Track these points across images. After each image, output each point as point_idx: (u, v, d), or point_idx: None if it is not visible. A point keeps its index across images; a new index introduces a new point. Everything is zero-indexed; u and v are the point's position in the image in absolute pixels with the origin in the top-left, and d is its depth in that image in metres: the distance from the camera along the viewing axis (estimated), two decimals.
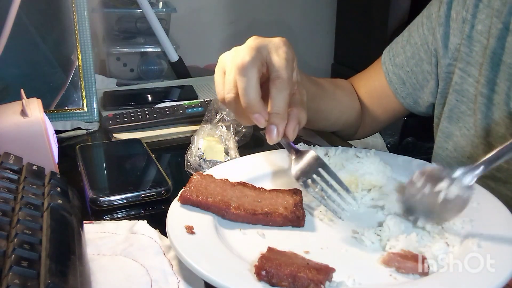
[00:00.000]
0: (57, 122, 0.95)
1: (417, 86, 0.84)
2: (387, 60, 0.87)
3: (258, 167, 0.70)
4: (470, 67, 0.75)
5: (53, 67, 0.99)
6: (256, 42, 0.62)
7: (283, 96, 0.59)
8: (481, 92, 0.72)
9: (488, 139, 0.72)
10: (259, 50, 0.60)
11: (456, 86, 0.77)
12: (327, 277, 0.47)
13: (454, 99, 0.77)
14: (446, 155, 0.79)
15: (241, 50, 0.61)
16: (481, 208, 0.58)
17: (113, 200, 0.67)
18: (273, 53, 0.61)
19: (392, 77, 0.86)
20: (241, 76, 0.59)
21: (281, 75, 0.59)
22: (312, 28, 2.46)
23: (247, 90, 0.58)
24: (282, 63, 0.60)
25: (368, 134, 0.97)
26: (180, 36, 1.73)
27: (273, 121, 0.59)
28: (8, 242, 0.47)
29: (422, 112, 0.87)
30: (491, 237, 0.52)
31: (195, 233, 0.54)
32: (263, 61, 0.60)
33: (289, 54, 0.61)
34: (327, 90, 0.84)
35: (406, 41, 0.85)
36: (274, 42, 0.62)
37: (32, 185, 0.58)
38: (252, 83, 0.58)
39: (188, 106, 0.96)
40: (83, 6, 0.98)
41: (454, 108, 0.77)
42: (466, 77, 0.75)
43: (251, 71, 0.59)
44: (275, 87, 0.59)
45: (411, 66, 0.84)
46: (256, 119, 0.59)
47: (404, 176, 0.65)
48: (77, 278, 0.45)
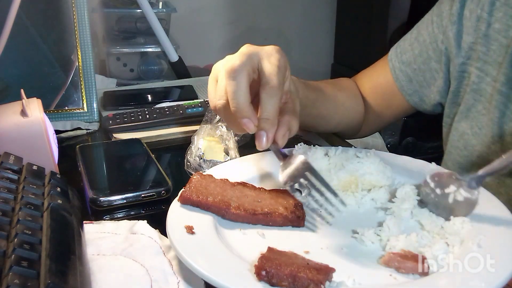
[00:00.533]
0: (57, 122, 0.95)
1: (424, 84, 0.84)
2: (394, 57, 0.87)
3: (258, 167, 0.70)
4: (487, 66, 0.75)
5: (53, 67, 0.99)
6: (248, 49, 0.61)
7: (273, 102, 0.58)
8: (500, 91, 0.72)
9: (505, 138, 0.72)
10: (250, 57, 0.60)
11: (473, 85, 0.76)
12: (327, 277, 0.47)
13: (471, 98, 0.77)
14: (456, 154, 0.79)
15: (232, 56, 0.61)
16: (481, 208, 0.58)
17: (113, 200, 0.67)
18: (265, 60, 0.60)
19: (398, 74, 0.86)
20: (231, 80, 0.58)
21: (271, 81, 0.58)
22: (312, 28, 2.46)
23: (236, 93, 0.58)
24: (273, 70, 0.59)
25: (371, 132, 0.97)
26: (180, 36, 1.74)
27: (263, 126, 0.58)
28: (8, 242, 0.47)
29: (428, 110, 0.87)
30: (491, 237, 0.52)
31: (195, 233, 0.54)
32: (254, 67, 0.60)
33: (281, 62, 0.61)
34: (328, 94, 0.83)
35: (414, 39, 0.85)
36: (266, 50, 0.62)
37: (32, 185, 0.58)
38: (241, 86, 0.58)
39: (188, 106, 0.96)
40: (83, 6, 0.98)
41: (472, 108, 0.77)
42: (483, 76, 0.75)
43: (241, 75, 0.58)
44: (265, 92, 0.58)
45: (419, 64, 0.84)
46: (245, 124, 0.58)
47: (404, 176, 0.66)
48: (77, 278, 0.45)
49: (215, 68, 0.64)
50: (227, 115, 0.61)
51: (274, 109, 0.58)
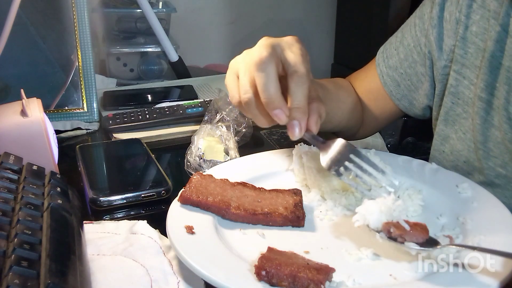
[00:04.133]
0: (57, 122, 0.95)
1: (412, 88, 0.84)
2: (381, 62, 0.86)
3: (258, 167, 0.70)
4: (465, 69, 0.74)
5: (53, 67, 1.00)
6: (269, 41, 0.61)
7: (303, 90, 0.58)
8: (480, 97, 0.71)
9: (487, 145, 0.71)
10: (273, 47, 0.60)
11: (451, 88, 0.76)
12: (327, 277, 0.47)
13: (449, 101, 0.77)
14: (442, 158, 0.79)
15: (255, 50, 0.61)
16: (481, 208, 0.58)
17: (113, 200, 0.67)
18: (287, 50, 0.60)
19: (386, 79, 0.85)
20: (260, 72, 0.58)
21: (299, 70, 0.59)
22: (312, 28, 2.46)
23: (267, 85, 0.58)
24: (298, 59, 0.59)
25: (369, 134, 0.96)
26: (180, 36, 1.73)
27: (295, 115, 0.58)
28: (8, 242, 0.47)
29: (419, 115, 0.86)
30: (491, 237, 0.52)
31: (195, 233, 0.54)
32: (278, 58, 0.60)
33: (303, 51, 0.61)
34: (331, 92, 0.83)
35: (399, 42, 0.85)
36: (286, 40, 0.62)
37: (32, 185, 0.58)
38: (272, 77, 0.58)
39: (188, 106, 0.96)
40: (83, 6, 0.98)
41: (450, 111, 0.77)
42: (461, 79, 0.75)
43: (270, 65, 0.58)
44: (294, 82, 0.58)
45: (405, 68, 0.83)
46: (276, 115, 0.58)
47: (404, 176, 0.66)
48: (77, 278, 0.45)
49: (234, 64, 0.64)
50: (253, 109, 0.61)
51: (304, 97, 0.59)
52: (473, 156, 0.73)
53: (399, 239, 0.50)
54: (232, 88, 0.64)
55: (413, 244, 0.50)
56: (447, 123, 0.78)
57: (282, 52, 0.60)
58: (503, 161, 0.70)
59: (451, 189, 0.63)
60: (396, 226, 0.50)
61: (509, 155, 0.69)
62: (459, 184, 0.63)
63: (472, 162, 0.73)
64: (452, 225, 0.56)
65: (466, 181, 0.63)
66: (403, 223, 0.50)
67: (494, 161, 0.71)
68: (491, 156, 0.71)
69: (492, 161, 0.71)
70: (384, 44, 0.89)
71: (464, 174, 0.70)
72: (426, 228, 0.51)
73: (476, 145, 0.72)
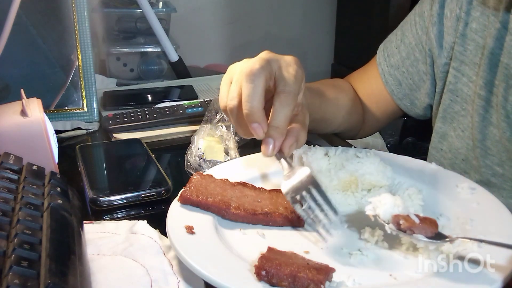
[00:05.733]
0: (57, 122, 0.95)
1: (414, 87, 0.84)
2: (382, 61, 0.86)
3: (258, 167, 0.70)
4: (464, 66, 0.74)
5: (53, 67, 0.99)
6: (269, 56, 0.61)
7: (286, 111, 0.58)
8: (479, 94, 0.71)
9: (485, 143, 0.71)
10: (269, 62, 0.60)
11: (450, 85, 0.76)
12: (327, 277, 0.47)
13: (448, 98, 0.76)
14: (440, 156, 0.79)
15: (251, 60, 0.60)
16: (481, 208, 0.58)
17: (113, 200, 0.67)
18: (283, 69, 0.60)
19: (388, 78, 0.85)
20: (248, 82, 0.58)
21: (287, 90, 0.58)
22: (312, 28, 2.47)
23: (251, 96, 0.57)
24: (291, 79, 0.59)
25: (370, 133, 0.97)
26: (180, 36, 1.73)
27: (271, 134, 0.58)
28: (8, 242, 0.47)
29: (420, 115, 0.86)
30: (491, 237, 0.52)
31: (195, 233, 0.54)
32: (271, 73, 0.59)
33: (298, 73, 0.60)
34: (330, 98, 0.83)
35: (400, 41, 0.84)
36: (285, 59, 0.62)
37: (32, 185, 0.58)
38: (257, 90, 0.58)
39: (188, 106, 0.96)
40: (83, 6, 0.98)
41: (448, 108, 0.77)
42: (460, 76, 0.74)
43: (259, 78, 0.58)
44: (279, 100, 0.58)
45: (407, 67, 0.83)
46: (254, 128, 0.58)
47: (404, 176, 0.66)
48: (77, 278, 0.45)
49: (231, 69, 0.64)
50: (236, 118, 0.61)
51: (285, 118, 0.58)
52: (471, 154, 0.73)
53: (408, 232, 0.50)
54: (222, 92, 0.64)
55: (421, 236, 0.50)
56: (445, 121, 0.78)
57: (278, 69, 0.60)
58: (500, 159, 0.70)
59: (451, 189, 0.63)
60: (405, 218, 0.50)
61: (507, 153, 0.69)
62: (459, 184, 0.63)
63: (470, 160, 0.73)
64: (452, 225, 0.56)
65: (466, 181, 0.63)
66: (413, 216, 0.50)
67: (492, 159, 0.71)
68: (489, 155, 0.71)
69: (489, 160, 0.71)
70: (384, 42, 0.89)
71: (461, 173, 0.70)
72: (436, 223, 0.51)
73: (474, 143, 0.72)
